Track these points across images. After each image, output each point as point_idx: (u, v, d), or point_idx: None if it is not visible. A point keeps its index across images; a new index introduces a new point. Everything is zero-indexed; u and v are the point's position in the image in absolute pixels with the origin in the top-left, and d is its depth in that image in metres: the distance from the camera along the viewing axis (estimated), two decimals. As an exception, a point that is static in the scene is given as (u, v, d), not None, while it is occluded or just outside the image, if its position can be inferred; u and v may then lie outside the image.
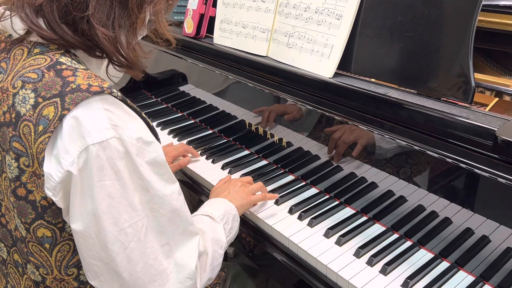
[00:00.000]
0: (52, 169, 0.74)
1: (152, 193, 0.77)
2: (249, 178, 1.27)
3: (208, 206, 1.08)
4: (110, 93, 0.75)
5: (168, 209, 0.80)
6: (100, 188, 0.73)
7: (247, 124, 1.48)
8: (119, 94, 0.78)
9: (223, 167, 1.40)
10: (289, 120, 1.31)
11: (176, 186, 0.83)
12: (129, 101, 0.80)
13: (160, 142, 0.90)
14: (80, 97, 0.72)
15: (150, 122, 0.84)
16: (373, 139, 1.08)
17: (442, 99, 1.02)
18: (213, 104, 1.61)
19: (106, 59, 0.84)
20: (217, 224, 1.01)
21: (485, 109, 1.03)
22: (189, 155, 1.46)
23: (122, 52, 0.81)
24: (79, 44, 0.79)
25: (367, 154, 1.13)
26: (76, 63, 0.80)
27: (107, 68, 0.86)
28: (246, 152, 1.49)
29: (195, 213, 1.05)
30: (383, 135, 1.05)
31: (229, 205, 1.09)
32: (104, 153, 0.72)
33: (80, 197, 0.74)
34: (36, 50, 0.79)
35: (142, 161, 0.75)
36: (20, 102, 0.75)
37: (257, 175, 1.35)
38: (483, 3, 0.97)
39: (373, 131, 1.08)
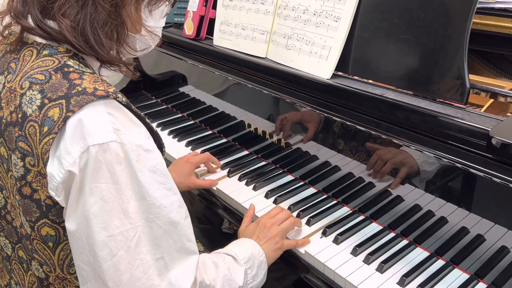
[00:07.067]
0: (54, 169, 0.74)
1: (149, 201, 0.75)
2: (277, 209, 1.14)
3: (234, 246, 1.01)
4: (115, 98, 0.76)
5: (164, 221, 0.77)
6: (94, 190, 0.72)
7: (246, 124, 1.49)
8: (124, 99, 0.78)
9: (222, 167, 1.41)
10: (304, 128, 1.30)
11: (177, 197, 0.80)
12: (133, 107, 0.80)
13: (164, 147, 0.89)
14: (85, 100, 0.73)
15: (154, 128, 0.84)
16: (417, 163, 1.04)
17: (438, 100, 1.04)
18: (212, 105, 1.63)
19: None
20: (238, 267, 0.95)
21: (480, 110, 1.05)
22: (216, 166, 1.41)
23: (99, 50, 0.79)
24: (58, 37, 0.78)
25: (367, 155, 1.15)
26: (83, 66, 0.80)
27: (99, 67, 0.86)
28: (245, 152, 1.50)
29: (219, 250, 1.00)
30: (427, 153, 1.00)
31: (257, 249, 1.01)
32: (103, 155, 0.72)
33: (76, 196, 0.74)
34: (45, 52, 0.80)
35: (142, 167, 0.75)
36: (27, 102, 0.76)
37: (256, 175, 1.36)
38: (478, 6, 0.98)
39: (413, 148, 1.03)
